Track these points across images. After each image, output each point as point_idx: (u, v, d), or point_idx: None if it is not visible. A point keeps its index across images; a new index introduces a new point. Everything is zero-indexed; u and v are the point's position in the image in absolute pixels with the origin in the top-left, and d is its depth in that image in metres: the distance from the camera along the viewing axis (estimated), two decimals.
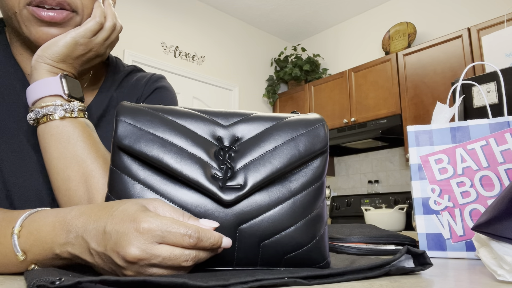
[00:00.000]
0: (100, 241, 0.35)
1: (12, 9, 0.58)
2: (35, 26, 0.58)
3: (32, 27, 0.58)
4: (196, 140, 0.43)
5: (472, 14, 3.20)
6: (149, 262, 0.34)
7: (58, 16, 0.58)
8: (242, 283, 0.32)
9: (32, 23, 0.58)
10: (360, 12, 4.04)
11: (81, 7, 0.60)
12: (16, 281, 0.38)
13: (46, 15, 0.57)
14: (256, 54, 4.28)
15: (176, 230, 0.35)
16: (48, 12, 0.57)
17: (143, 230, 0.34)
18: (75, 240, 0.38)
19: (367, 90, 3.44)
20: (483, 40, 2.12)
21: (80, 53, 0.60)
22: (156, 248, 0.34)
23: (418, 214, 0.69)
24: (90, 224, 0.37)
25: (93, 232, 0.36)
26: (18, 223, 0.42)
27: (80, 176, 0.55)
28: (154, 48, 3.36)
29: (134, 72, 0.79)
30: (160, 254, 0.34)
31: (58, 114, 0.56)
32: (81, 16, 0.61)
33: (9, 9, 0.58)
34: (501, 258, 0.39)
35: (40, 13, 0.57)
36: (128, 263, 0.34)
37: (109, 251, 0.35)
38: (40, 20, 0.58)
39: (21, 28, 0.59)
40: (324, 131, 0.47)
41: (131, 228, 0.34)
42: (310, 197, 0.45)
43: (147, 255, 0.34)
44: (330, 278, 0.37)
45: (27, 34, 0.59)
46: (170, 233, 0.35)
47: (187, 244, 0.35)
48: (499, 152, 0.65)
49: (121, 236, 0.34)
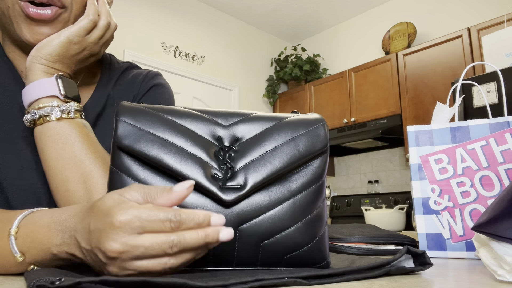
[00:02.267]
0: (87, 240, 0.35)
1: (6, 3, 0.57)
2: (24, 23, 0.58)
3: (22, 24, 0.58)
4: (196, 140, 0.43)
5: (472, 14, 3.20)
6: (132, 254, 0.33)
7: (46, 14, 0.57)
8: (242, 283, 0.32)
9: (22, 19, 0.58)
10: (360, 12, 4.03)
11: (70, 2, 0.59)
12: (16, 281, 0.38)
13: (34, 12, 0.57)
14: (256, 54, 4.28)
15: (154, 217, 0.34)
16: (37, 9, 0.57)
17: (120, 223, 0.33)
18: (70, 240, 0.38)
19: (367, 90, 3.44)
20: (483, 40, 2.12)
21: (75, 52, 0.59)
22: (137, 238, 0.33)
23: (418, 214, 0.69)
24: (78, 224, 0.37)
25: (82, 231, 0.36)
26: (15, 224, 0.41)
27: (79, 176, 0.55)
28: (154, 48, 3.36)
29: (130, 68, 0.79)
30: (142, 244, 0.33)
31: (54, 115, 0.56)
32: (69, 12, 0.60)
33: (3, 4, 0.58)
34: (501, 258, 0.39)
35: (29, 10, 0.56)
36: (110, 259, 0.33)
37: (94, 249, 0.34)
38: (28, 17, 0.57)
39: (13, 25, 0.59)
40: (324, 131, 0.47)
41: (108, 223, 0.33)
42: (310, 197, 0.45)
43: (128, 247, 0.33)
44: (330, 278, 0.37)
45: (18, 32, 0.59)
46: (149, 221, 0.33)
47: (168, 228, 0.34)
48: (499, 152, 0.65)
49: (100, 233, 0.34)
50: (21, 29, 0.58)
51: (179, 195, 0.36)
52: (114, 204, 0.35)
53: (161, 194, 0.36)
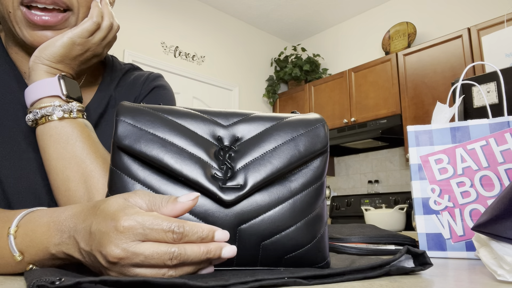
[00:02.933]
0: (87, 241, 0.35)
1: (7, 8, 0.57)
2: (28, 29, 0.58)
3: (25, 30, 0.58)
4: (196, 140, 0.43)
5: (472, 14, 3.20)
6: (131, 261, 0.33)
7: (52, 19, 0.58)
8: (242, 283, 0.32)
9: (25, 25, 0.58)
10: (360, 12, 4.04)
11: (76, 6, 0.60)
12: (16, 281, 0.38)
13: (39, 19, 0.57)
14: (256, 54, 4.28)
15: (157, 226, 0.33)
16: (41, 16, 0.57)
17: (123, 228, 0.33)
18: (68, 240, 0.37)
19: (367, 90, 3.44)
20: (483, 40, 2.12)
21: (78, 53, 0.59)
22: (138, 246, 0.33)
23: (418, 214, 0.69)
24: (79, 224, 0.37)
25: (82, 232, 0.36)
26: (14, 223, 0.41)
27: (80, 176, 0.55)
28: (154, 48, 3.36)
29: (131, 70, 0.79)
30: (142, 253, 0.33)
31: (56, 115, 0.56)
32: (76, 16, 0.60)
33: (4, 8, 0.58)
34: (501, 258, 0.39)
35: (33, 17, 0.56)
36: (110, 263, 0.33)
37: (94, 251, 0.34)
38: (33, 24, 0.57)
39: (15, 29, 0.59)
40: (324, 131, 0.47)
41: (112, 227, 0.33)
42: (310, 197, 0.45)
43: (128, 253, 0.33)
44: (330, 278, 0.37)
45: (21, 36, 0.59)
46: (152, 230, 0.33)
47: (170, 239, 0.34)
48: (499, 152, 0.65)
49: (102, 236, 0.34)
50: (24, 34, 0.58)
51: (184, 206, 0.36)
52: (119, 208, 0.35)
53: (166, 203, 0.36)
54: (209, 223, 0.41)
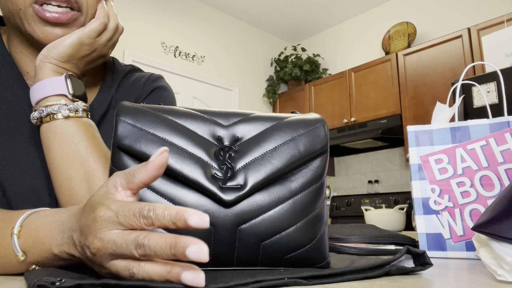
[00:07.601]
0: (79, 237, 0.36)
1: (17, 6, 0.58)
2: (39, 25, 0.59)
3: (36, 26, 0.59)
4: (196, 140, 0.43)
5: (472, 14, 3.20)
6: (107, 251, 0.32)
7: (63, 17, 0.59)
8: (242, 285, 0.32)
9: (37, 22, 0.58)
10: (360, 12, 4.03)
11: (85, 7, 0.61)
12: (16, 281, 0.38)
13: (51, 16, 0.58)
14: (256, 54, 4.28)
15: (129, 211, 0.32)
16: (53, 12, 0.58)
17: (99, 218, 0.33)
18: (68, 240, 0.38)
19: (367, 90, 3.44)
20: (483, 40, 2.12)
21: (85, 53, 0.60)
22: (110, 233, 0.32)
23: (418, 214, 0.69)
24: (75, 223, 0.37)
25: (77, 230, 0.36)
26: (18, 223, 0.42)
27: (82, 175, 0.55)
28: (154, 48, 3.36)
29: (132, 72, 0.80)
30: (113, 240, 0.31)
31: (62, 114, 0.56)
32: (85, 16, 0.61)
33: (13, 6, 0.58)
34: (501, 258, 0.39)
35: (45, 14, 0.57)
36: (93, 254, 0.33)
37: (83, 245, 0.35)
38: (45, 20, 0.58)
39: (24, 26, 0.59)
40: (324, 131, 0.47)
41: (92, 219, 0.33)
42: (310, 197, 0.45)
43: (104, 242, 0.32)
44: (330, 278, 0.37)
45: (31, 32, 0.59)
46: (125, 216, 0.32)
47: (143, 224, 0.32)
48: (499, 152, 0.65)
49: (85, 228, 0.34)
50: (34, 29, 0.59)
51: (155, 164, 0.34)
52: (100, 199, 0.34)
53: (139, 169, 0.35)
54: None
